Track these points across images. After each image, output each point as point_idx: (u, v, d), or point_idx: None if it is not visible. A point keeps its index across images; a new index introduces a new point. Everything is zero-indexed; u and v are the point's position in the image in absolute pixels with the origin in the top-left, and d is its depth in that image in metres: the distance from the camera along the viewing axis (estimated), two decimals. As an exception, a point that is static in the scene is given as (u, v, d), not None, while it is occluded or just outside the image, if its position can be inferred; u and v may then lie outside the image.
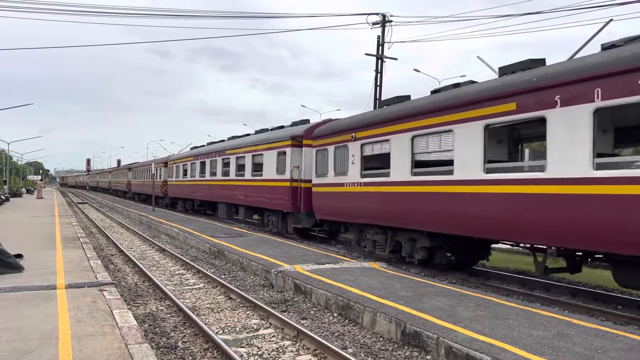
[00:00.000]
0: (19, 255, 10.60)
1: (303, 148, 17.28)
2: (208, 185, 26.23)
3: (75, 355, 5.12)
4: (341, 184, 14.53)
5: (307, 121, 18.88)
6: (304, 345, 6.78)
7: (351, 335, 7.20)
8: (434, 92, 11.83)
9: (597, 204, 7.59)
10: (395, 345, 6.66)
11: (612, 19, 11.01)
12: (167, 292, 9.61)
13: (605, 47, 8.23)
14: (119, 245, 16.79)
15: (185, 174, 30.32)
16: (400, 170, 11.98)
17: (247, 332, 7.45)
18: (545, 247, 8.98)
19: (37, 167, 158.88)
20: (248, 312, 8.52)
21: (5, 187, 54.58)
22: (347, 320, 7.81)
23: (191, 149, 33.98)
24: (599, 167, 7.68)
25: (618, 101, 7.38)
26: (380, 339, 6.92)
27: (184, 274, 12.15)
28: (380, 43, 25.02)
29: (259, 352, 6.56)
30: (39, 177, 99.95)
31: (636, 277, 7.91)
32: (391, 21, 24.97)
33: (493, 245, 12.18)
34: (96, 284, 8.64)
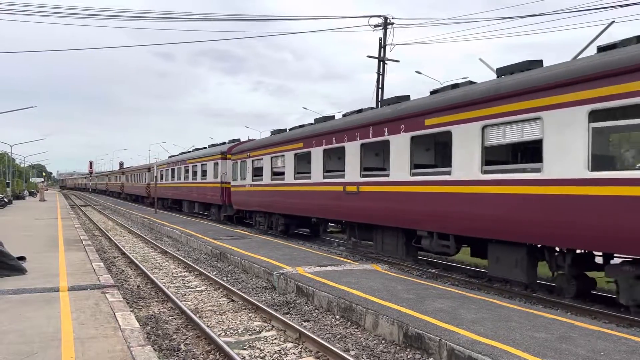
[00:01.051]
0: (22, 258, 10.62)
1: (227, 160, 24.93)
2: (176, 187, 33.82)
3: (78, 357, 5.13)
4: (242, 185, 22.37)
5: (238, 139, 26.77)
6: (306, 348, 6.78)
7: (353, 337, 7.20)
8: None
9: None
10: (398, 347, 6.66)
11: (614, 21, 11.00)
12: (170, 294, 9.62)
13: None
14: (121, 247, 16.82)
15: (162, 178, 36.90)
16: (267, 177, 19.73)
17: (250, 335, 7.45)
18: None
19: (39, 170, 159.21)
20: (250, 315, 8.53)
21: (8, 189, 54.70)
22: (349, 323, 7.81)
23: (169, 157, 41.97)
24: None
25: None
26: (383, 342, 6.92)
27: (186, 276, 12.16)
28: (382, 45, 25.04)
29: (261, 355, 6.56)
30: (42, 180, 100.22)
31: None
32: (393, 23, 25.00)
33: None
34: (99, 287, 8.65)
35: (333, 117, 17.03)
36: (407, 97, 13.21)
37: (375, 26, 25.01)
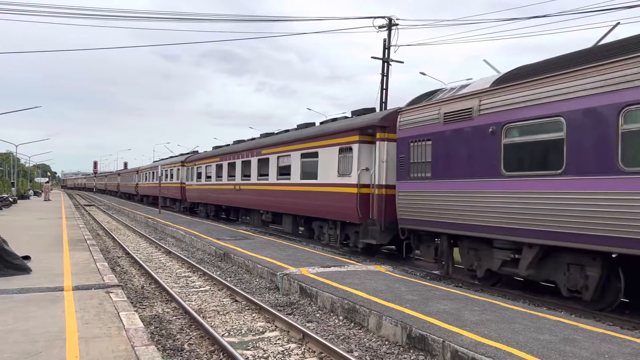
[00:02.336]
0: (27, 257, 10.67)
1: (184, 167, 32.89)
2: (154, 186, 40.48)
3: (83, 357, 5.15)
4: (191, 185, 31.24)
5: (196, 151, 36.52)
6: (309, 348, 6.78)
7: (357, 338, 7.20)
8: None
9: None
10: (401, 348, 6.66)
11: (619, 22, 10.96)
12: (173, 294, 9.64)
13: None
14: (126, 247, 16.86)
15: (145, 179, 46.83)
16: (202, 179, 28.84)
17: (253, 335, 7.46)
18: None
19: (44, 170, 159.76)
20: (254, 315, 8.54)
21: (12, 189, 54.90)
22: (352, 324, 7.81)
23: (153, 162, 51.87)
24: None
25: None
26: (386, 343, 6.92)
27: (190, 277, 12.18)
28: (387, 46, 25.03)
29: (264, 355, 6.56)
30: (46, 180, 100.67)
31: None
32: (397, 25, 24.98)
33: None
34: (103, 286, 8.68)
35: (241, 140, 25.99)
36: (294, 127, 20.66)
37: (380, 27, 25.00)
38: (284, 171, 18.66)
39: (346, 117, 16.88)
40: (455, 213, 10.57)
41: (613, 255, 8.15)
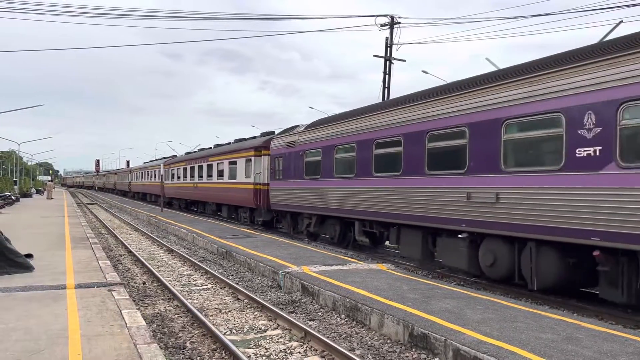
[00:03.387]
0: (29, 255, 10.69)
1: (165, 168, 37.36)
2: (144, 184, 48.33)
3: (85, 354, 5.16)
4: (168, 184, 37.51)
5: (175, 156, 42.61)
6: (311, 347, 6.79)
7: (359, 336, 7.20)
8: (201, 149, 37.16)
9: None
10: (403, 347, 6.65)
11: (622, 21, 10.94)
12: (176, 292, 9.66)
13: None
14: (128, 245, 16.89)
15: (136, 178, 53.25)
16: (176, 180, 36.38)
17: (255, 333, 7.47)
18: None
19: (47, 168, 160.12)
20: (256, 313, 8.55)
21: (15, 187, 55.01)
22: (354, 322, 7.81)
23: (144, 163, 57.22)
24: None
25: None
26: (388, 341, 6.92)
27: (192, 275, 12.20)
28: (389, 45, 25.00)
29: (266, 353, 6.57)
30: (49, 178, 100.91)
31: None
32: (399, 23, 24.95)
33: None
34: (105, 284, 8.70)
35: (206, 148, 34.16)
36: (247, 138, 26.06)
37: (382, 26, 24.97)
38: (220, 174, 26.04)
39: (255, 137, 24.28)
40: (293, 199, 18.39)
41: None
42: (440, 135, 11.28)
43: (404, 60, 26.21)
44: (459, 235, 10.81)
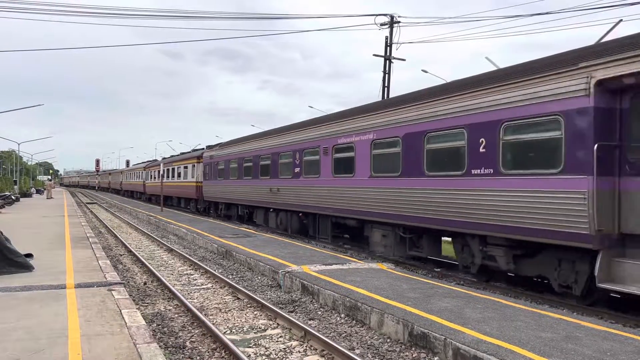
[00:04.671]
0: (29, 255, 10.70)
1: (145, 170, 47.50)
2: (131, 183, 56.54)
3: (85, 354, 5.17)
4: (154, 184, 42.35)
5: (155, 160, 52.61)
6: (311, 346, 6.79)
7: (358, 336, 7.20)
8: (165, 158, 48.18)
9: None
10: (403, 346, 6.66)
11: (621, 19, 10.94)
12: (176, 292, 9.66)
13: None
14: (128, 245, 16.89)
15: (127, 178, 60.32)
16: (150, 180, 45.94)
17: (255, 333, 7.47)
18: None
19: (46, 168, 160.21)
20: (256, 313, 8.55)
21: (15, 187, 55.00)
22: (354, 321, 7.82)
23: (133, 165, 67.59)
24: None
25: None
26: (388, 340, 6.92)
27: (192, 274, 12.20)
28: (388, 44, 24.99)
29: (266, 353, 6.57)
30: (49, 178, 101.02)
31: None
32: (399, 22, 24.94)
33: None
34: (105, 284, 8.70)
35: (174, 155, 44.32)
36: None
37: (382, 25, 24.97)
38: (178, 175, 34.49)
39: (198, 150, 35.52)
40: (213, 193, 26.83)
41: None
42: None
43: (403, 60, 26.21)
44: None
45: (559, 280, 8.91)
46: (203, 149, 31.88)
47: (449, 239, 11.82)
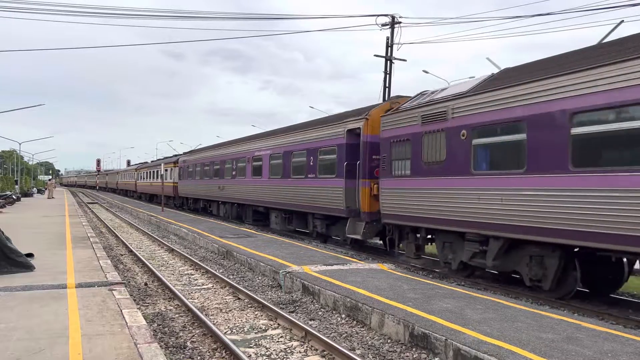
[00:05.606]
0: (30, 255, 10.70)
1: (136, 172, 53.50)
2: (126, 182, 61.95)
3: (86, 354, 5.17)
4: (149, 183, 46.70)
5: (146, 162, 56.27)
6: (312, 346, 6.79)
7: (359, 336, 7.20)
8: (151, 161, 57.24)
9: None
10: (404, 347, 6.65)
11: (623, 20, 10.92)
12: (176, 292, 9.66)
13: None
14: (128, 245, 16.90)
15: (122, 178, 65.54)
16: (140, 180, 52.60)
17: (256, 333, 7.47)
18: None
19: (47, 167, 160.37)
20: (256, 313, 8.55)
21: (16, 187, 55.04)
22: (355, 322, 7.81)
23: (127, 167, 74.35)
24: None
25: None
26: (389, 341, 6.92)
27: (192, 274, 12.20)
28: (389, 44, 24.98)
29: (267, 353, 6.57)
30: (49, 177, 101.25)
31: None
32: (400, 22, 24.93)
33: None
34: (106, 284, 8.71)
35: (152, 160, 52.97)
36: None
37: (383, 25, 24.95)
38: (160, 176, 36.94)
39: (175, 155, 41.13)
40: (187, 191, 33.57)
41: None
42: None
43: (404, 60, 26.20)
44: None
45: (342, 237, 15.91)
46: (178, 154, 41.52)
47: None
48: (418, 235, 12.33)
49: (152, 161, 54.16)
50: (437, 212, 11.10)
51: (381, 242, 15.47)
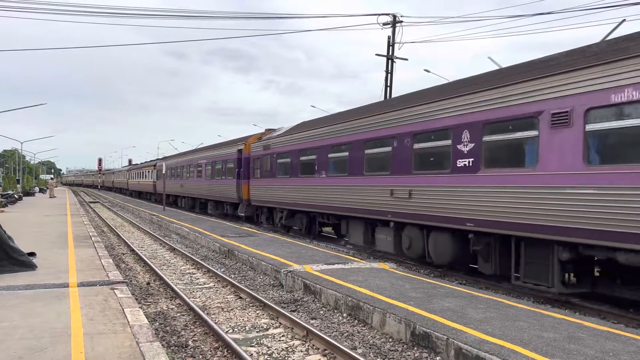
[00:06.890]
0: (32, 254, 10.72)
1: (129, 172, 63.70)
2: (122, 181, 68.56)
3: (88, 353, 5.18)
4: (138, 182, 56.42)
5: (137, 164, 67.59)
6: (313, 345, 6.80)
7: (360, 335, 7.21)
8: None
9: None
10: (405, 346, 6.66)
11: (624, 19, 10.92)
12: (178, 291, 9.67)
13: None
14: (130, 244, 16.92)
15: (117, 177, 72.47)
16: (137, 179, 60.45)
17: (257, 332, 7.48)
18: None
19: (49, 167, 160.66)
20: (258, 312, 8.56)
21: (18, 186, 55.13)
22: (356, 321, 7.82)
23: (123, 165, 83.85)
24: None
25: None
26: (390, 340, 6.92)
27: (194, 273, 12.22)
28: (391, 44, 24.98)
29: (268, 352, 6.58)
30: (51, 177, 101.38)
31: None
32: (402, 22, 24.92)
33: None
34: (108, 283, 8.72)
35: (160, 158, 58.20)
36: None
37: (384, 24, 24.95)
38: (144, 177, 45.13)
39: (154, 160, 51.00)
40: (168, 188, 36.67)
41: None
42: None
43: (406, 59, 26.22)
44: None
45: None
46: (156, 159, 51.66)
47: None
48: (268, 210, 21.75)
49: (141, 163, 63.41)
50: (271, 197, 20.28)
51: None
